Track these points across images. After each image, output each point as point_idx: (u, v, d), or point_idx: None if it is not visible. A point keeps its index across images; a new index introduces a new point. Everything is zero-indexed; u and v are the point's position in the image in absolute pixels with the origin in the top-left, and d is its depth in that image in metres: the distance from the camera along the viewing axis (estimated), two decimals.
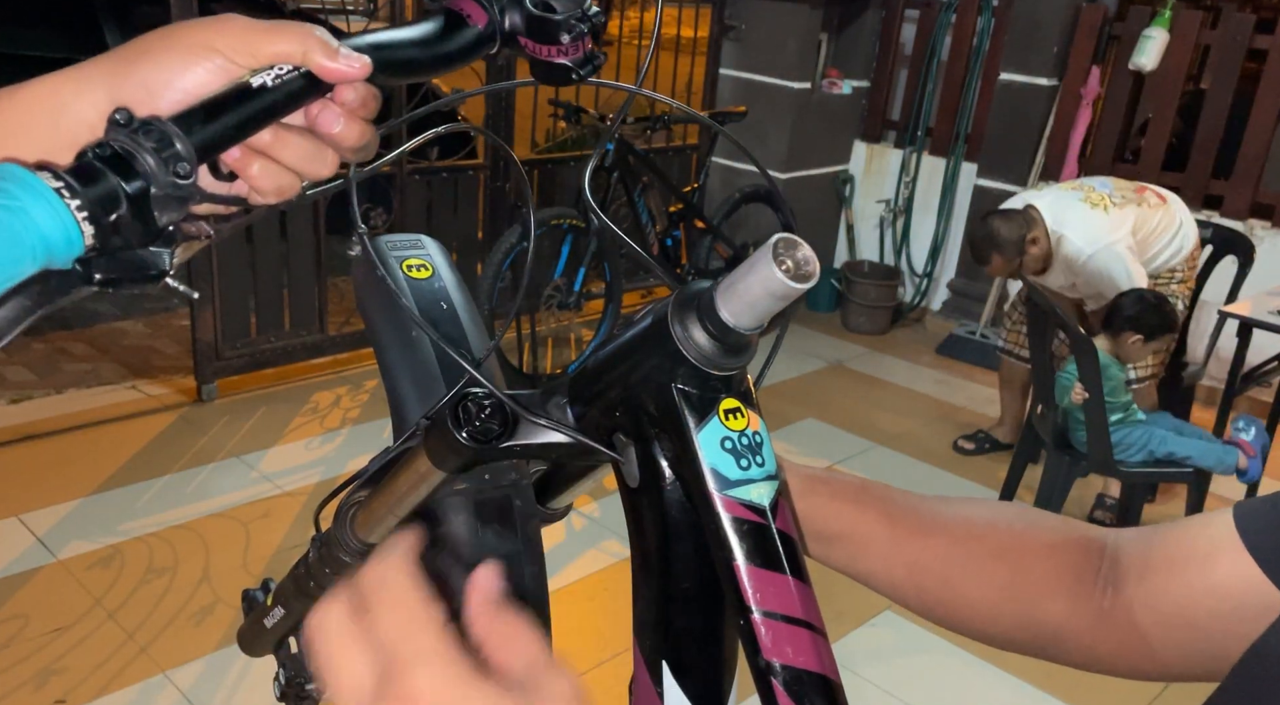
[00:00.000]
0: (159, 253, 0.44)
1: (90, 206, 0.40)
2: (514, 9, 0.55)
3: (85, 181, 0.41)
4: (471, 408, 0.53)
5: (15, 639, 2.37)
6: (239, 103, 0.46)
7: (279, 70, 0.48)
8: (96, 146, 0.42)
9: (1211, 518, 0.64)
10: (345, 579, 0.71)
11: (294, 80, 0.48)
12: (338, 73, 0.49)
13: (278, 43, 0.47)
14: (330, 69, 0.48)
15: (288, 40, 0.47)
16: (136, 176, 0.42)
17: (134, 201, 0.42)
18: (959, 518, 0.70)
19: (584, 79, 0.56)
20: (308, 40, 0.48)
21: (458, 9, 0.54)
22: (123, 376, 3.71)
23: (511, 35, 0.55)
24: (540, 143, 4.60)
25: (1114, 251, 3.21)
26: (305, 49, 0.48)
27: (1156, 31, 4.23)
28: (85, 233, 0.40)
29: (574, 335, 4.43)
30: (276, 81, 0.47)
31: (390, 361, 0.70)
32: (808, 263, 0.46)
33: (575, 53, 0.55)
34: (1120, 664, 0.67)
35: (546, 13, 0.54)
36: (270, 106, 0.47)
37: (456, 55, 0.54)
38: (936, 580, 0.68)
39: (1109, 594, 0.67)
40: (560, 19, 0.54)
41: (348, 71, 0.49)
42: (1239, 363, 3.35)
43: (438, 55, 0.53)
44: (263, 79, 0.47)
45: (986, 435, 3.84)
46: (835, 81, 5.09)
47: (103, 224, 0.41)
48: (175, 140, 0.43)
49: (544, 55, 0.55)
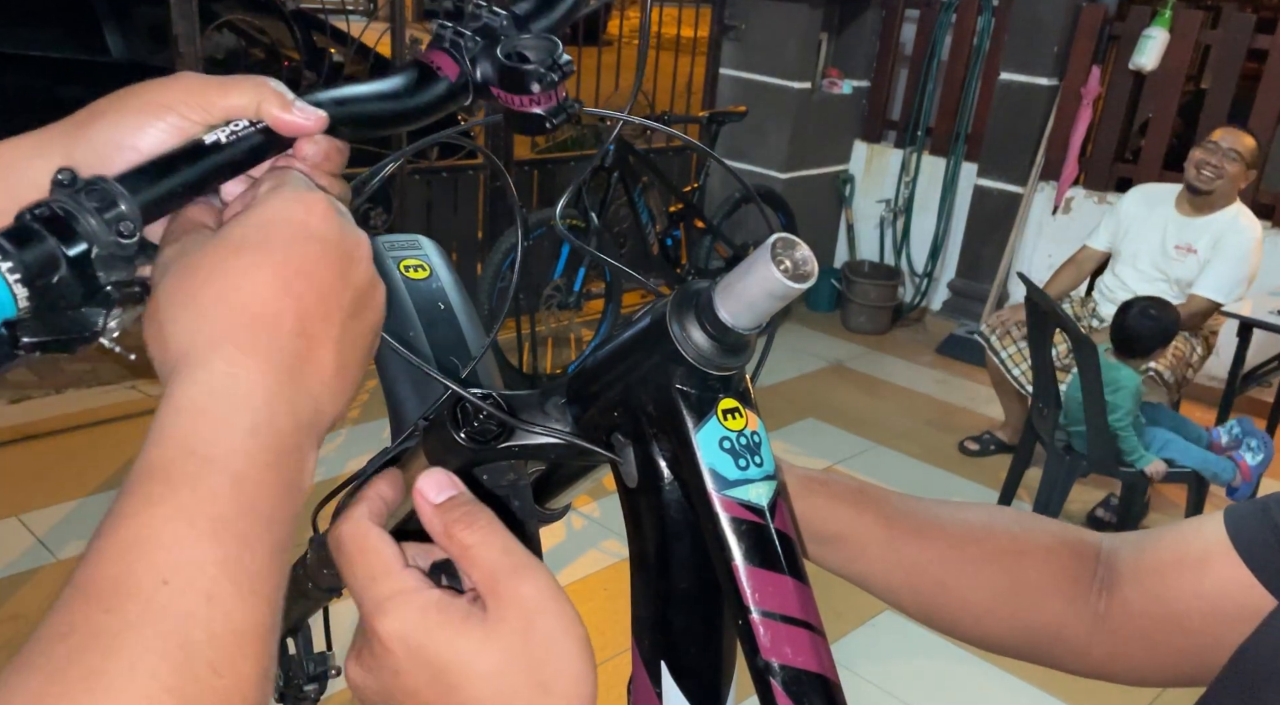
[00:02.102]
0: (93, 313, 0.43)
1: (24, 269, 0.39)
2: (485, 60, 0.55)
3: (19, 243, 0.40)
4: (470, 409, 0.53)
5: (15, 639, 2.37)
6: (190, 160, 0.46)
7: (235, 126, 0.47)
8: (34, 208, 0.41)
9: (1204, 522, 0.65)
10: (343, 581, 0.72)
11: (250, 136, 0.47)
12: (292, 126, 0.48)
13: (230, 96, 0.47)
14: (284, 121, 0.47)
15: (240, 93, 0.47)
16: (77, 237, 0.41)
17: (74, 264, 0.41)
18: (956, 521, 0.70)
19: (556, 127, 0.56)
20: (261, 91, 0.47)
21: (428, 61, 0.54)
22: (122, 376, 3.71)
23: (484, 86, 0.55)
24: (540, 143, 4.60)
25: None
26: (259, 101, 0.47)
27: (1157, 31, 4.23)
28: (17, 295, 0.39)
29: (574, 335, 4.43)
30: (231, 137, 0.47)
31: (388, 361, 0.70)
32: (806, 262, 0.46)
33: (548, 102, 0.55)
34: (1115, 668, 0.67)
35: (518, 63, 0.54)
36: (226, 163, 0.46)
37: (427, 108, 0.54)
38: (933, 583, 0.69)
39: (1104, 598, 0.67)
40: (531, 69, 0.53)
41: (303, 124, 0.48)
42: (1239, 363, 3.35)
43: (407, 109, 0.53)
44: (216, 136, 0.46)
45: (992, 436, 3.83)
46: (835, 81, 5.09)
47: (38, 286, 0.40)
48: (119, 199, 0.42)
49: (517, 106, 0.55)
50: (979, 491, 3.53)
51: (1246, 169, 3.37)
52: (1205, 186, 3.37)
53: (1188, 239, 3.45)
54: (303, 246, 0.42)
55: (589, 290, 4.00)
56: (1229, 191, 3.39)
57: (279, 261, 0.41)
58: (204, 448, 0.37)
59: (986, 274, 4.89)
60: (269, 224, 0.42)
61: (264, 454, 0.38)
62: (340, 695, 2.62)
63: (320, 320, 0.42)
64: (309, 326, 0.41)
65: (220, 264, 0.41)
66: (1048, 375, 3.09)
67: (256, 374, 0.39)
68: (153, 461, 0.37)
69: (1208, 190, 3.37)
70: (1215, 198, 3.39)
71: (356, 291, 0.44)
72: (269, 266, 0.41)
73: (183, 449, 0.37)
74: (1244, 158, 3.34)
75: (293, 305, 0.41)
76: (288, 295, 0.41)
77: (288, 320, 0.40)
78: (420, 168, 3.97)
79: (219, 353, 0.39)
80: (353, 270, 0.43)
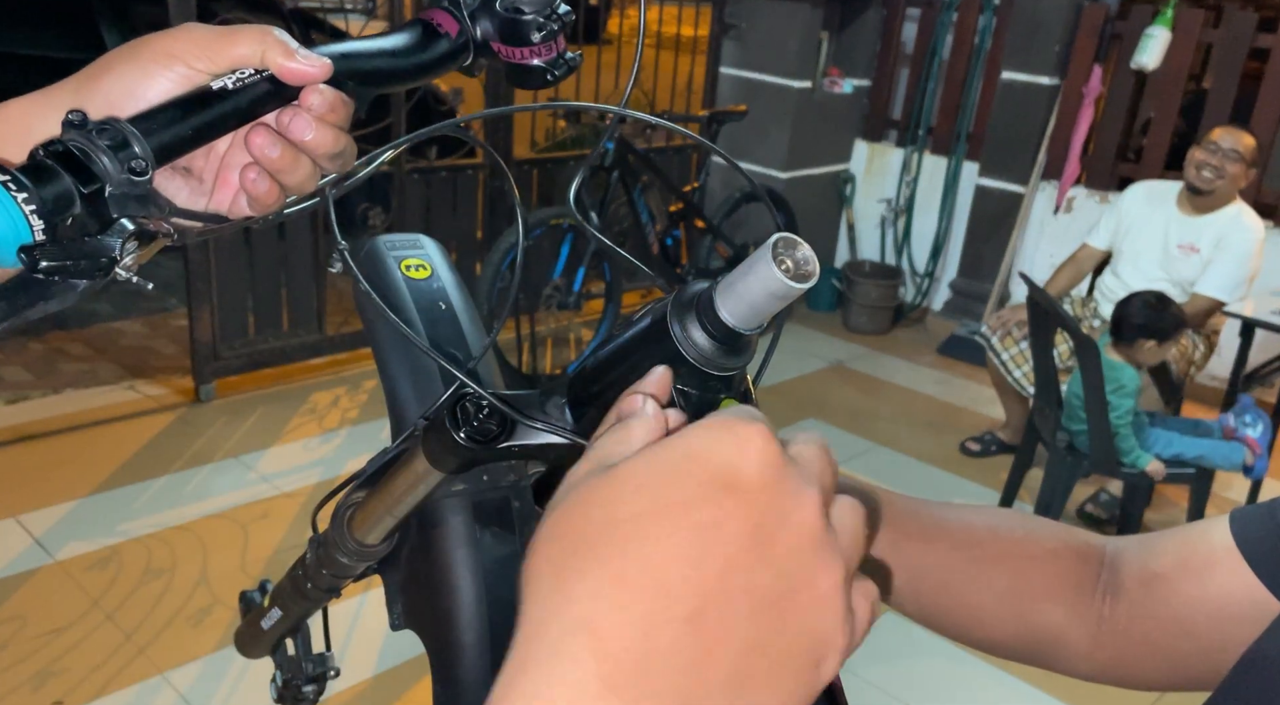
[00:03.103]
0: (109, 241, 0.44)
1: (40, 203, 0.40)
2: (484, 17, 0.55)
3: (35, 178, 0.40)
4: (469, 408, 0.53)
5: (13, 640, 2.36)
6: (198, 105, 0.47)
7: (240, 74, 0.48)
8: (48, 144, 0.42)
9: (1209, 526, 0.64)
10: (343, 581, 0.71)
11: (256, 83, 0.48)
12: (296, 72, 0.48)
13: (237, 45, 0.47)
14: (288, 68, 0.48)
15: (246, 42, 0.48)
16: (91, 174, 0.42)
17: (89, 200, 0.42)
18: (960, 524, 0.70)
19: (559, 79, 0.57)
20: (265, 39, 0.48)
21: (430, 19, 0.55)
22: (120, 377, 3.70)
23: (484, 44, 0.56)
24: (540, 142, 4.59)
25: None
26: (263, 49, 0.48)
27: (1158, 30, 4.22)
28: (34, 228, 0.40)
29: (574, 335, 4.42)
30: (238, 84, 0.48)
31: (389, 361, 0.69)
32: (807, 262, 0.45)
33: (548, 53, 0.56)
34: (1118, 672, 0.67)
35: (516, 14, 0.55)
36: (232, 110, 0.47)
37: (429, 65, 0.55)
38: (936, 586, 0.68)
39: (1108, 602, 0.66)
40: (529, 18, 0.54)
41: (308, 71, 0.49)
42: (1241, 363, 3.34)
43: (410, 65, 0.54)
44: (223, 82, 0.47)
45: (993, 437, 3.82)
46: (836, 80, 5.08)
47: (55, 221, 0.41)
48: (130, 139, 0.43)
49: (517, 59, 0.56)
50: (980, 492, 3.52)
51: (1247, 168, 3.36)
52: (1205, 187, 3.36)
53: (1190, 238, 3.44)
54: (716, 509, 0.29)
55: (588, 290, 3.99)
56: (1230, 191, 3.38)
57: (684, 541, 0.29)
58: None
59: (988, 274, 4.88)
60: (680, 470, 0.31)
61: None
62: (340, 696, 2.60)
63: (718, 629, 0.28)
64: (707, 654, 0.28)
65: (606, 532, 0.30)
66: (1049, 375, 3.08)
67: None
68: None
69: (1208, 190, 3.37)
70: (1216, 197, 3.38)
71: (779, 575, 0.30)
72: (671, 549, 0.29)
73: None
74: (1244, 157, 3.33)
75: (694, 636, 0.28)
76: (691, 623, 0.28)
77: (683, 652, 0.28)
78: (419, 167, 3.97)
79: (577, 666, 0.27)
80: (778, 540, 0.30)
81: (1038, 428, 3.18)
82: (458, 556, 0.63)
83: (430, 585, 0.64)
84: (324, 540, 0.68)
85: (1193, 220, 3.45)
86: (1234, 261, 3.34)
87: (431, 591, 0.63)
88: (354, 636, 2.43)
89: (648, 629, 0.27)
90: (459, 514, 0.63)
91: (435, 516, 0.63)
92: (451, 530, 0.63)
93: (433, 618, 0.63)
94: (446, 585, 0.63)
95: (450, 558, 0.63)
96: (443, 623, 0.62)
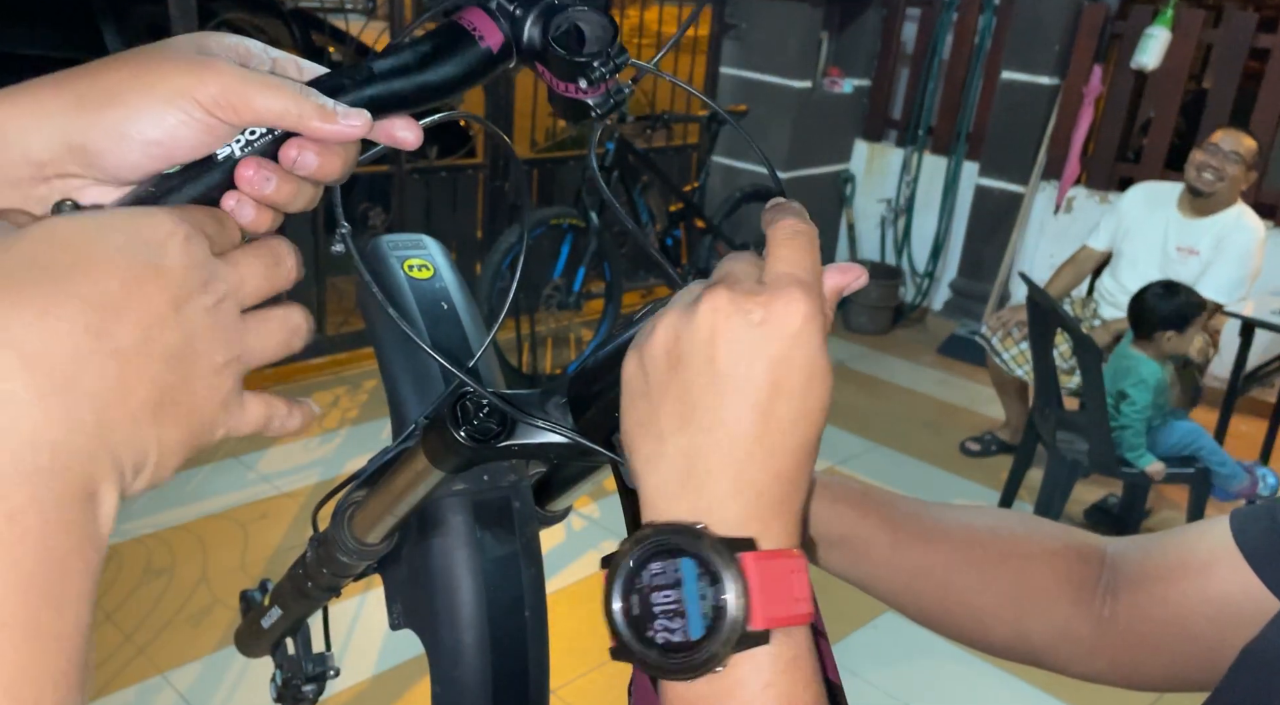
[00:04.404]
0: None
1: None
2: (535, 27, 0.47)
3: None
4: (470, 407, 0.53)
5: None
6: (198, 180, 0.43)
7: (250, 135, 0.43)
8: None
9: (1209, 526, 0.64)
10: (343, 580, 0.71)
11: (266, 145, 0.43)
12: (335, 135, 0.43)
13: (269, 100, 0.42)
14: (325, 131, 0.43)
15: (277, 99, 0.42)
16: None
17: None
18: (960, 524, 0.69)
19: (603, 117, 0.50)
20: (303, 105, 0.42)
21: (468, 25, 0.47)
22: None
23: (527, 54, 0.48)
24: (540, 142, 4.59)
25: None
26: (299, 114, 0.42)
27: (1158, 30, 4.22)
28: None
29: (574, 335, 4.42)
30: (245, 150, 0.43)
31: (390, 360, 0.69)
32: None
33: (596, 92, 0.49)
34: (1119, 672, 0.67)
35: (570, 50, 0.47)
36: (230, 181, 0.43)
37: (464, 79, 0.47)
38: (937, 586, 0.68)
39: (1109, 602, 0.66)
40: (583, 62, 0.47)
41: (347, 132, 0.43)
42: (1241, 363, 3.34)
43: (441, 82, 0.47)
44: (230, 149, 0.43)
45: (993, 437, 3.82)
46: (836, 80, 5.08)
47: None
48: None
49: (560, 89, 0.49)
50: (980, 492, 3.52)
51: (1248, 170, 3.36)
52: (1206, 189, 3.36)
53: (1189, 241, 3.44)
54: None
55: (588, 290, 3.99)
56: (1230, 193, 3.38)
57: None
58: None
59: (988, 274, 4.88)
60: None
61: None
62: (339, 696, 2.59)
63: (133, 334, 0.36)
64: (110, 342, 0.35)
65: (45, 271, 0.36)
66: (1049, 376, 3.08)
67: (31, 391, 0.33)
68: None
69: (1209, 192, 3.36)
70: (1217, 200, 3.38)
71: (187, 339, 0.38)
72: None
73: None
74: (1245, 160, 3.33)
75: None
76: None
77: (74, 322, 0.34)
78: (419, 167, 3.97)
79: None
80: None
81: (1038, 428, 3.18)
82: (458, 556, 0.63)
83: (430, 585, 0.64)
84: (324, 539, 0.68)
85: (1192, 222, 3.44)
86: (1234, 262, 3.34)
87: (431, 591, 0.63)
88: (353, 636, 2.43)
89: (75, 355, 0.34)
90: (459, 513, 0.63)
91: (435, 516, 0.63)
92: (452, 530, 0.63)
93: (432, 617, 0.63)
94: (446, 585, 0.63)
95: (450, 557, 0.63)
96: (442, 622, 0.62)
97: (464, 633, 0.62)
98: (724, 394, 0.41)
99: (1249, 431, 3.87)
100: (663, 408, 0.43)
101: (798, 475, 0.42)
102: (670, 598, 0.40)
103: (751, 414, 0.41)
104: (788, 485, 0.42)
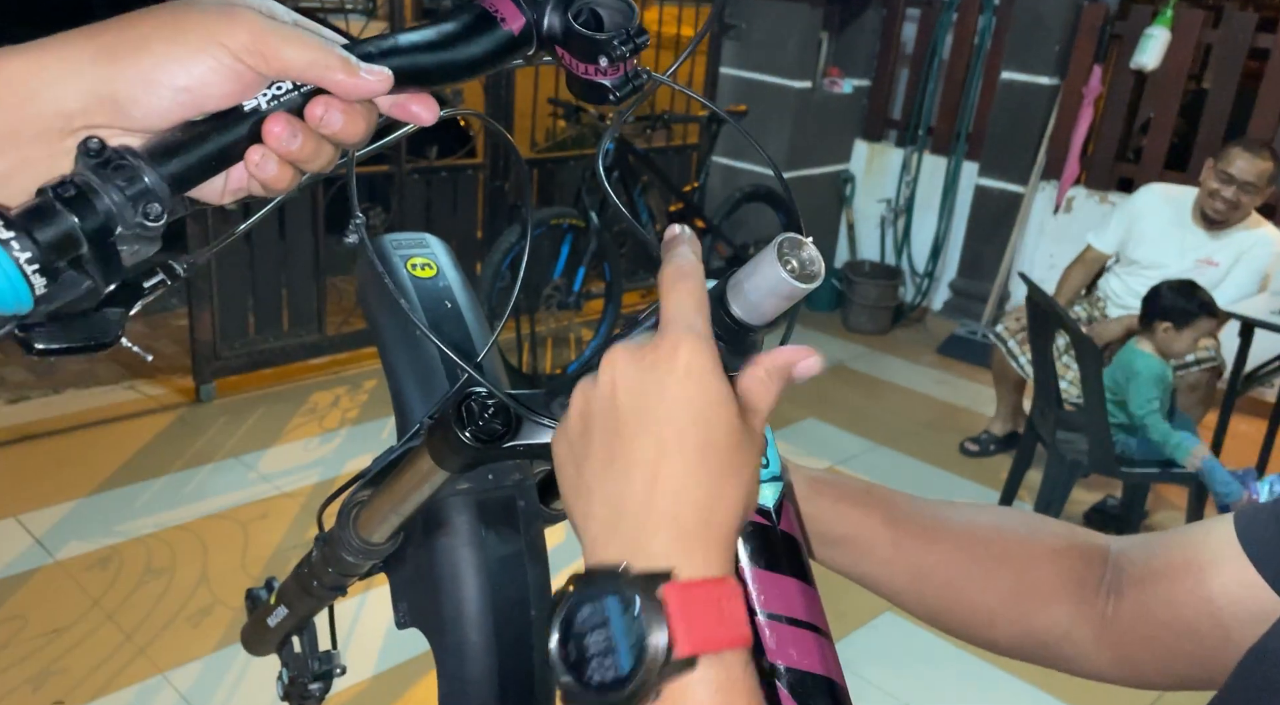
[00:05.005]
0: (111, 316, 0.42)
1: (43, 255, 0.38)
2: (555, 13, 0.49)
3: (40, 224, 0.38)
4: (475, 407, 0.53)
5: (13, 640, 2.36)
6: (225, 130, 0.43)
7: (276, 90, 0.44)
8: (58, 186, 0.39)
9: (1213, 525, 0.64)
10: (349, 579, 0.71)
11: (292, 100, 0.44)
12: (359, 89, 0.44)
13: (297, 52, 0.43)
14: (350, 85, 0.44)
15: (304, 51, 0.43)
16: (100, 218, 0.39)
17: (96, 243, 0.39)
18: (963, 523, 0.69)
19: (622, 100, 0.51)
20: (330, 58, 0.43)
21: (491, 8, 0.49)
22: (121, 376, 3.70)
23: (549, 39, 0.50)
24: (540, 142, 4.59)
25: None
26: (326, 66, 0.43)
27: (1158, 30, 4.23)
28: (35, 285, 0.38)
29: (574, 335, 4.42)
30: (272, 103, 0.44)
31: (394, 360, 0.69)
32: (813, 263, 0.46)
33: (615, 73, 0.50)
34: (1121, 671, 0.67)
35: (590, 30, 0.49)
36: (257, 132, 0.44)
37: (486, 60, 0.49)
38: (940, 585, 0.68)
39: (1111, 601, 0.66)
40: (603, 40, 0.48)
41: (372, 86, 0.44)
42: (1240, 363, 3.34)
43: (463, 61, 0.48)
44: (256, 102, 0.44)
45: (991, 436, 3.82)
46: (836, 80, 5.09)
47: (57, 268, 0.38)
48: (147, 180, 0.40)
49: (580, 72, 0.50)
50: (979, 492, 3.53)
51: (1264, 190, 3.35)
52: (1218, 219, 3.37)
53: (1208, 252, 3.42)
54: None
55: (589, 290, 3.99)
56: (1246, 211, 3.39)
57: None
58: None
59: (988, 274, 4.88)
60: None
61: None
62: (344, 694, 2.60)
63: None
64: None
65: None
66: (1048, 375, 3.08)
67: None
68: None
69: (1220, 220, 3.37)
70: (1233, 220, 3.39)
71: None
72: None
73: None
74: (1260, 187, 3.32)
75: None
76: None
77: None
78: (419, 167, 3.96)
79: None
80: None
81: (1037, 428, 3.18)
82: (463, 555, 0.63)
83: (435, 584, 0.64)
84: (330, 538, 0.68)
85: (1210, 235, 3.43)
86: (1252, 272, 3.36)
87: (437, 590, 0.64)
88: (357, 635, 2.43)
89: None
90: (464, 513, 0.63)
91: (441, 515, 0.64)
92: (457, 529, 0.63)
93: (438, 616, 0.64)
94: (452, 584, 0.63)
95: (455, 556, 0.63)
96: (448, 621, 0.63)
97: (470, 631, 0.62)
98: (633, 437, 0.44)
99: (1249, 431, 3.88)
100: (586, 467, 0.46)
101: (716, 503, 0.44)
102: (602, 637, 0.41)
103: (659, 449, 0.43)
104: (706, 513, 0.43)
